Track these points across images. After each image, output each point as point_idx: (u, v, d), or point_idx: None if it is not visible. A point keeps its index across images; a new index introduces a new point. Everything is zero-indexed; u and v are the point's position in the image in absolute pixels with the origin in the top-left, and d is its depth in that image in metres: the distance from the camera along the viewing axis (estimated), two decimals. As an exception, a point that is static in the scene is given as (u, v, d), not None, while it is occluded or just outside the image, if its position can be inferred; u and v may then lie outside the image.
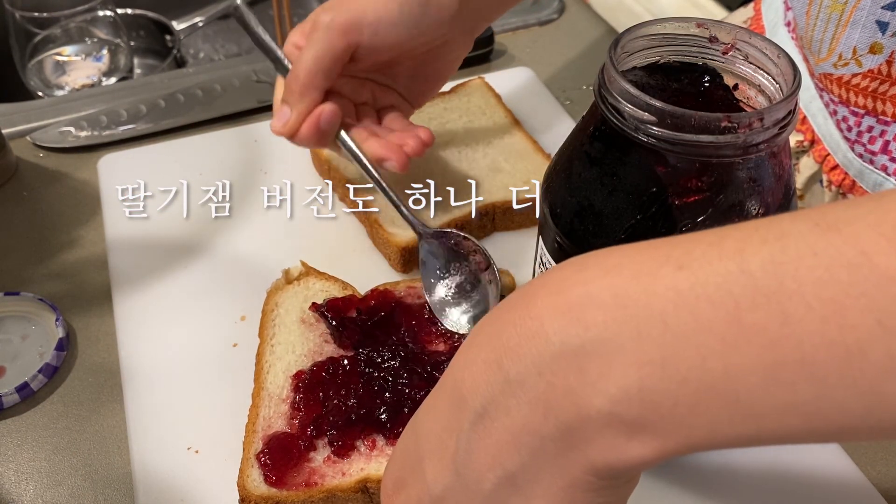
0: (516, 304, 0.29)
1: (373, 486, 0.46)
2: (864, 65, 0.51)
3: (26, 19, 0.84)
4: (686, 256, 0.26)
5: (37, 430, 0.52)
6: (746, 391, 0.25)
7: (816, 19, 0.53)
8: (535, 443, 0.28)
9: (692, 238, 0.27)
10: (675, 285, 0.26)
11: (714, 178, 0.36)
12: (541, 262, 0.45)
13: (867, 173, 0.55)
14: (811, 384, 0.24)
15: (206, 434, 0.50)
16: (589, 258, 0.29)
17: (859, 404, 0.24)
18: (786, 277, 0.24)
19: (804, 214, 0.25)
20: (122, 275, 0.60)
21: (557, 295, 0.28)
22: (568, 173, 0.41)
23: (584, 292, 0.27)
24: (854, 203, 0.25)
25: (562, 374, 0.27)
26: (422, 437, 0.32)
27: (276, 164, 0.70)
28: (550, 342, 0.27)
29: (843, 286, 0.23)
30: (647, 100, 0.35)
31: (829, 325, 0.23)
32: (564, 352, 0.27)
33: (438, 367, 0.49)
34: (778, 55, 0.38)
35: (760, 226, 0.26)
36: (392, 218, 0.61)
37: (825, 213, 0.25)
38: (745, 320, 0.24)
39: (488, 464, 0.29)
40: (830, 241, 0.24)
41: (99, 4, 0.86)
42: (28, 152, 0.73)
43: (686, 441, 0.26)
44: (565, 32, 0.89)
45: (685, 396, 0.25)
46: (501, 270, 0.56)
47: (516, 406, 0.28)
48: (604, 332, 0.26)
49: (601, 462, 0.27)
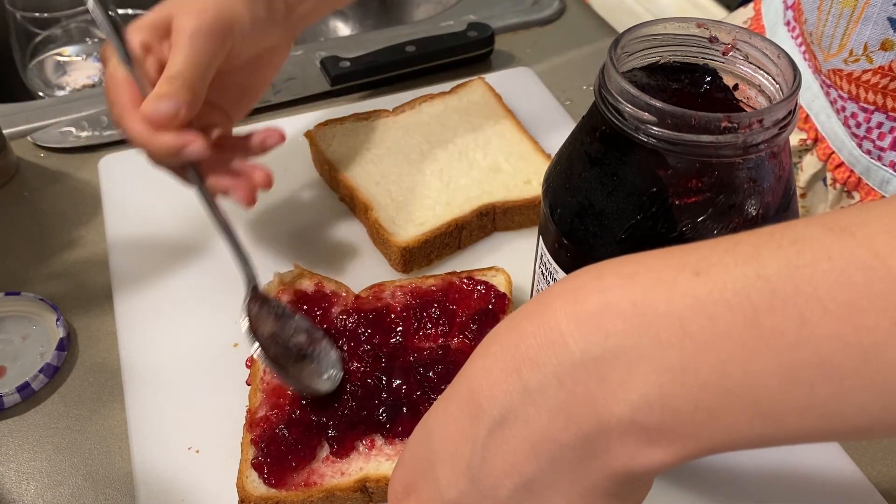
0: (533, 312, 0.29)
1: (372, 485, 0.46)
2: (874, 61, 0.51)
3: (27, 19, 0.84)
4: (702, 263, 0.26)
5: (38, 429, 0.52)
6: (766, 394, 0.25)
7: (828, 15, 0.53)
8: (555, 450, 0.28)
9: (707, 244, 0.27)
10: (692, 292, 0.26)
11: (714, 179, 0.36)
12: (541, 262, 0.45)
13: (874, 170, 0.55)
14: (829, 385, 0.24)
15: (206, 434, 0.50)
16: (605, 267, 0.29)
17: (876, 403, 0.24)
18: (802, 281, 0.24)
19: (817, 219, 0.26)
20: (123, 275, 0.60)
21: (575, 304, 0.28)
22: (568, 173, 0.41)
23: (603, 301, 0.27)
24: (867, 207, 0.25)
25: (582, 382, 0.27)
26: (435, 443, 0.32)
27: (276, 164, 0.70)
28: (570, 351, 0.27)
29: (859, 288, 0.24)
30: (647, 100, 0.35)
31: (845, 327, 0.24)
32: (585, 361, 0.27)
33: (431, 367, 0.49)
34: (778, 55, 0.38)
35: (775, 231, 0.26)
36: (392, 217, 0.61)
37: (838, 217, 0.25)
38: (763, 324, 0.25)
39: (505, 471, 0.29)
40: (845, 244, 0.24)
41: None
42: (29, 152, 0.73)
43: (706, 444, 0.26)
44: (565, 32, 0.89)
45: (705, 401, 0.26)
46: (498, 269, 0.56)
47: (536, 415, 0.28)
48: (623, 341, 0.26)
49: (621, 468, 0.28)
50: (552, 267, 0.43)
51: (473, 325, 0.52)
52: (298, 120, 0.74)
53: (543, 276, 0.45)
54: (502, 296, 0.54)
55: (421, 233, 0.59)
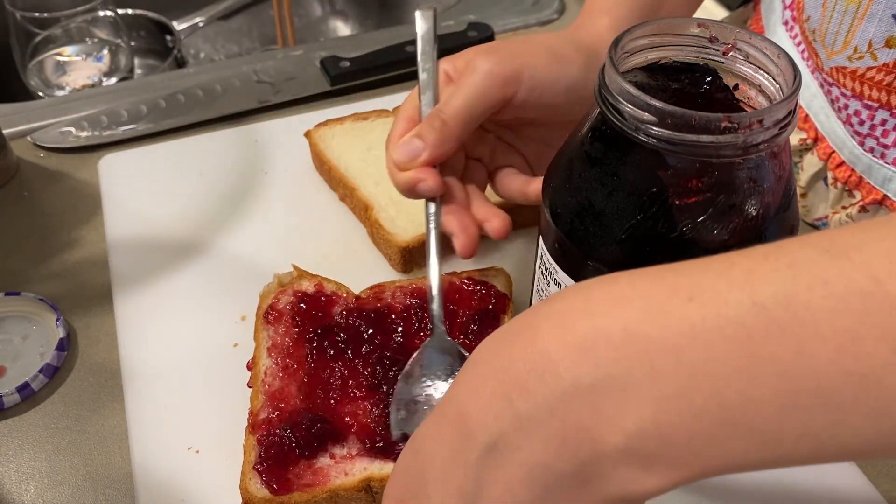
0: (520, 334, 0.29)
1: (376, 485, 0.46)
2: (879, 58, 0.51)
3: (27, 19, 0.84)
4: (695, 287, 0.26)
5: (37, 430, 0.52)
6: (763, 420, 0.25)
7: (833, 12, 0.53)
8: (549, 477, 0.28)
9: (699, 266, 0.27)
10: (686, 318, 0.25)
11: (714, 179, 0.36)
12: (541, 262, 0.45)
13: (876, 168, 0.55)
14: (827, 412, 0.24)
15: (206, 434, 0.50)
16: (593, 287, 0.28)
17: (874, 429, 0.24)
18: (798, 308, 0.24)
19: (812, 240, 0.25)
20: (123, 275, 0.60)
21: (564, 329, 0.27)
22: (568, 173, 0.41)
23: (592, 327, 0.27)
24: (863, 227, 0.25)
25: (575, 411, 0.27)
26: (425, 462, 0.32)
27: (276, 164, 0.70)
28: (561, 379, 0.27)
29: (857, 315, 0.23)
30: (647, 100, 0.35)
31: (844, 355, 0.23)
32: (576, 390, 0.27)
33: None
34: (778, 55, 0.38)
35: (769, 253, 0.26)
36: (392, 217, 0.61)
37: (834, 238, 0.25)
38: (759, 352, 0.24)
39: (500, 496, 0.29)
40: (841, 268, 0.24)
41: (99, 4, 0.86)
42: (29, 152, 0.73)
43: (701, 470, 0.26)
44: (565, 32, 0.89)
45: (701, 429, 0.25)
46: (499, 269, 0.56)
47: (528, 443, 0.28)
48: (616, 369, 0.26)
49: (616, 495, 0.27)
50: (552, 267, 0.43)
51: (474, 325, 0.52)
52: (298, 120, 0.74)
53: (543, 276, 0.45)
54: (503, 296, 0.54)
55: (421, 233, 0.59)
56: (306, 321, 0.53)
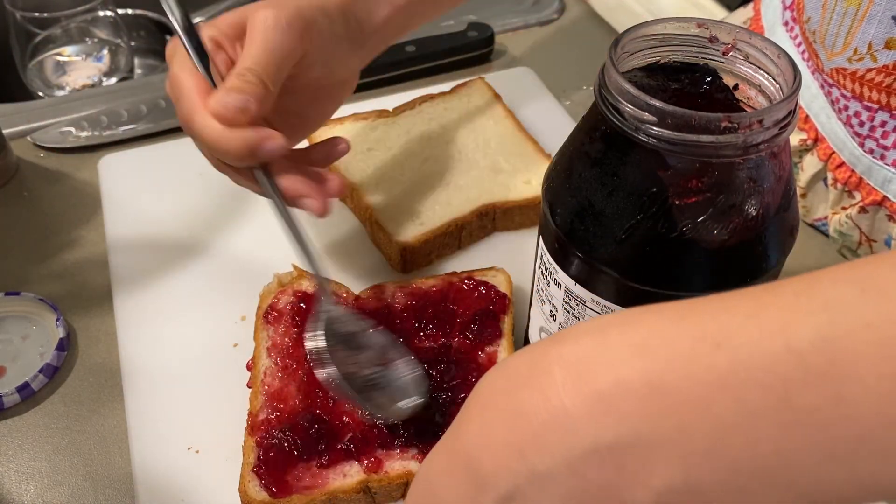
0: (531, 378, 0.27)
1: (374, 486, 0.46)
2: (879, 60, 0.51)
3: (27, 19, 0.84)
4: (722, 332, 0.24)
5: (37, 430, 0.52)
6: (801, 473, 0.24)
7: (832, 13, 0.53)
8: None
9: (724, 306, 0.25)
10: (715, 367, 0.24)
11: (714, 179, 0.36)
12: (541, 262, 0.45)
13: (876, 169, 0.55)
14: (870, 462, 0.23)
15: (206, 434, 0.50)
16: (608, 330, 0.26)
17: None
18: (837, 354, 0.22)
19: (847, 276, 0.24)
20: (123, 275, 0.60)
21: (580, 379, 0.26)
22: (568, 173, 0.41)
23: (613, 378, 0.25)
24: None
25: (596, 469, 0.25)
26: None
27: (276, 165, 0.70)
28: (581, 436, 0.25)
29: None
30: (647, 100, 0.35)
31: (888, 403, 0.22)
32: (598, 447, 0.25)
33: (432, 367, 0.49)
34: (778, 55, 0.38)
35: (800, 291, 0.24)
36: (392, 217, 0.61)
37: (871, 275, 0.23)
38: (795, 403, 0.23)
39: None
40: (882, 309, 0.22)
41: (99, 5, 0.86)
42: (28, 152, 0.73)
43: None
44: (565, 32, 0.89)
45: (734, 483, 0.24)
46: (499, 269, 0.56)
47: (547, 499, 0.26)
48: (641, 426, 0.24)
49: None
50: (552, 267, 0.43)
51: (474, 325, 0.52)
52: (298, 120, 0.74)
53: (543, 276, 0.45)
54: (503, 296, 0.54)
55: (421, 233, 0.59)
56: (306, 321, 0.53)
